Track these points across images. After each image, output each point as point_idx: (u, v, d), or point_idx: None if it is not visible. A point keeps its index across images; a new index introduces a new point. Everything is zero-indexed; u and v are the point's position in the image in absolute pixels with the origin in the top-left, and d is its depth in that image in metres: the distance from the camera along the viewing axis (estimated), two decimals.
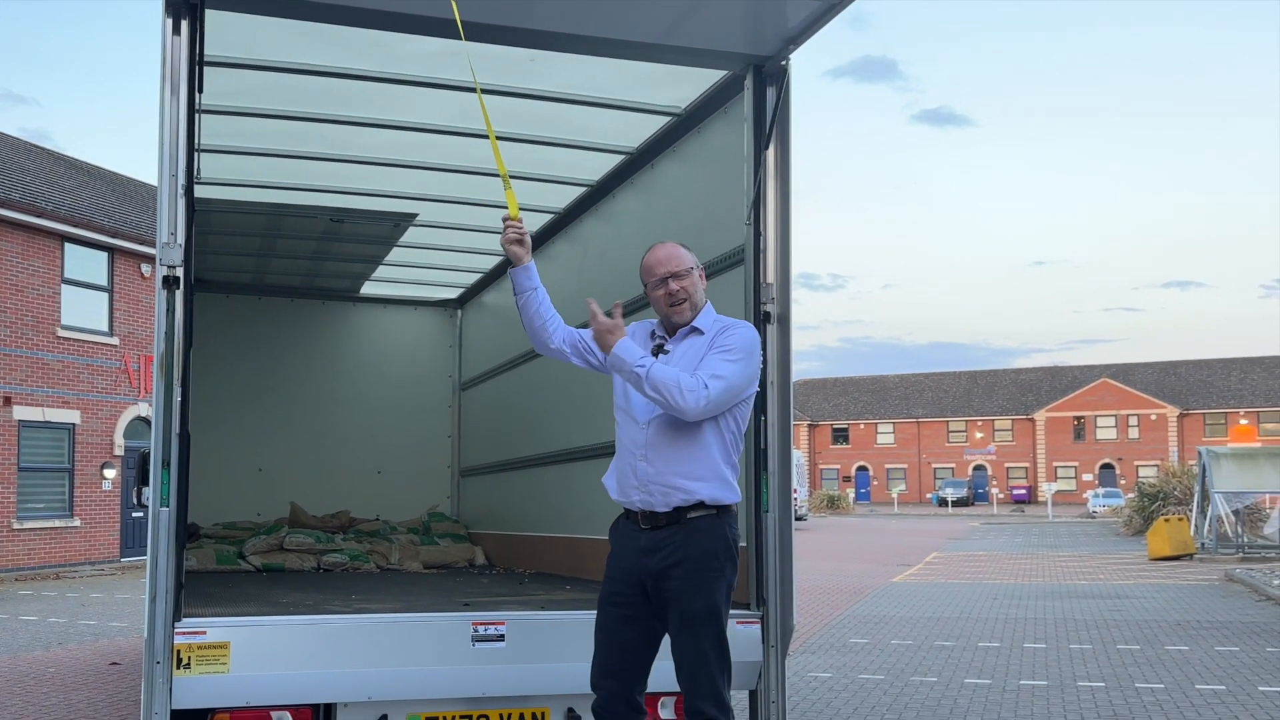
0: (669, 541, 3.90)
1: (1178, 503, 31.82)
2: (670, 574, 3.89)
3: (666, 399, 3.81)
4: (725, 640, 3.94)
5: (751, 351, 3.99)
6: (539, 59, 5.52)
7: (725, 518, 3.95)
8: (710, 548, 3.89)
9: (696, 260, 4.18)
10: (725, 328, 4.04)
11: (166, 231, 4.44)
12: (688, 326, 4.08)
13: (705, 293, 4.17)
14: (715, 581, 3.88)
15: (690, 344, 4.05)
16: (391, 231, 8.81)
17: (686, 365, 3.95)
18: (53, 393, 21.99)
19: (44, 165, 25.59)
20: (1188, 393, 78.47)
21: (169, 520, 4.29)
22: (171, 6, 4.51)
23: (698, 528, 3.89)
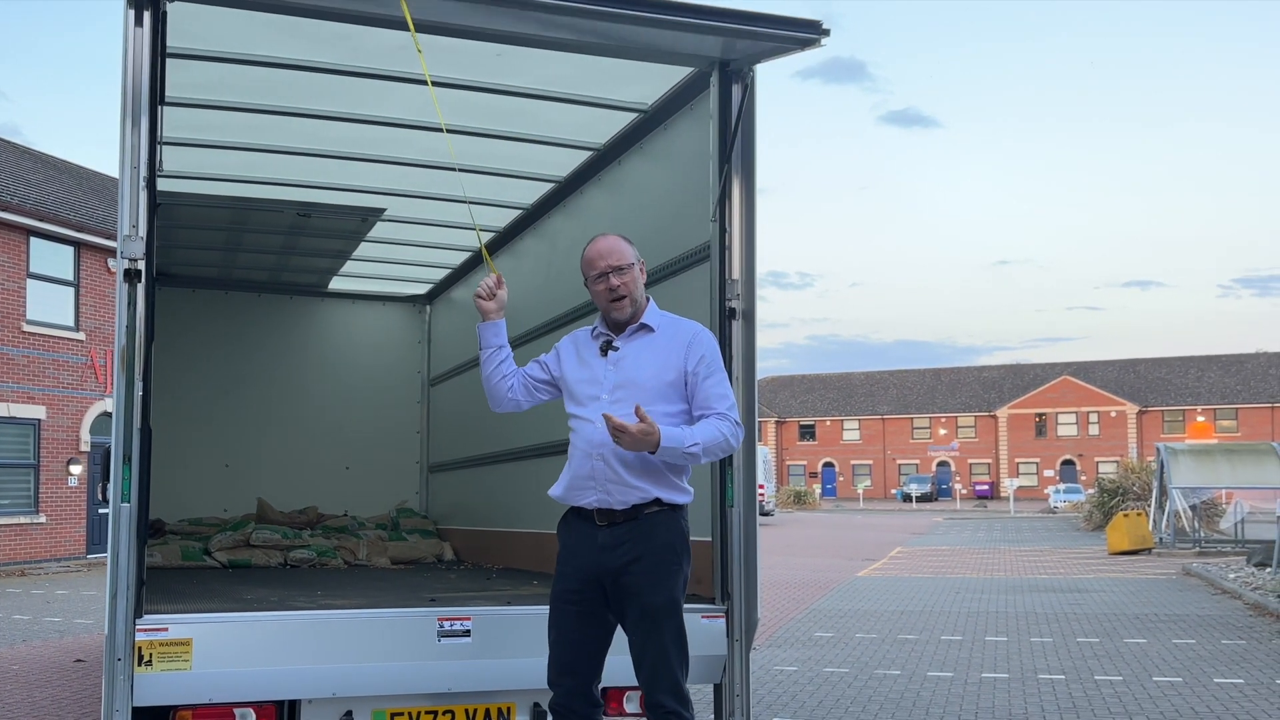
0: (628, 537, 3.91)
1: (1137, 498, 32.24)
2: (630, 569, 3.89)
3: (720, 455, 4.00)
4: (684, 634, 3.96)
5: (720, 355, 4.09)
6: (505, 54, 5.52)
7: (680, 513, 4.01)
8: (668, 542, 3.93)
9: (638, 255, 4.16)
10: (692, 336, 4.03)
11: (128, 224, 4.40)
12: (637, 324, 4.05)
13: (645, 288, 4.16)
14: (674, 575, 3.93)
15: (644, 342, 4.03)
16: (359, 226, 8.78)
17: (643, 364, 3.96)
18: (18, 388, 21.75)
19: (10, 159, 25.29)
20: (1147, 390, 79.39)
21: (130, 516, 4.26)
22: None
23: (655, 523, 3.92)
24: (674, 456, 3.82)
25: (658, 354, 3.96)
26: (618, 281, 4.00)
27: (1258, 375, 78.11)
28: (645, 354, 3.99)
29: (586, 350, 4.13)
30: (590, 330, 4.20)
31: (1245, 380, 77.85)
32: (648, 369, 3.95)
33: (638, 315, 4.07)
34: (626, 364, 4.00)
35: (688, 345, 3.96)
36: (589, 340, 4.16)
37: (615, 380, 3.97)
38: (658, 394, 3.91)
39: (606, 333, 4.11)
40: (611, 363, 4.03)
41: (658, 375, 3.94)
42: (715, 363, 3.99)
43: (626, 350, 4.03)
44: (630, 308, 4.04)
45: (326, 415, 10.82)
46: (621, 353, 4.03)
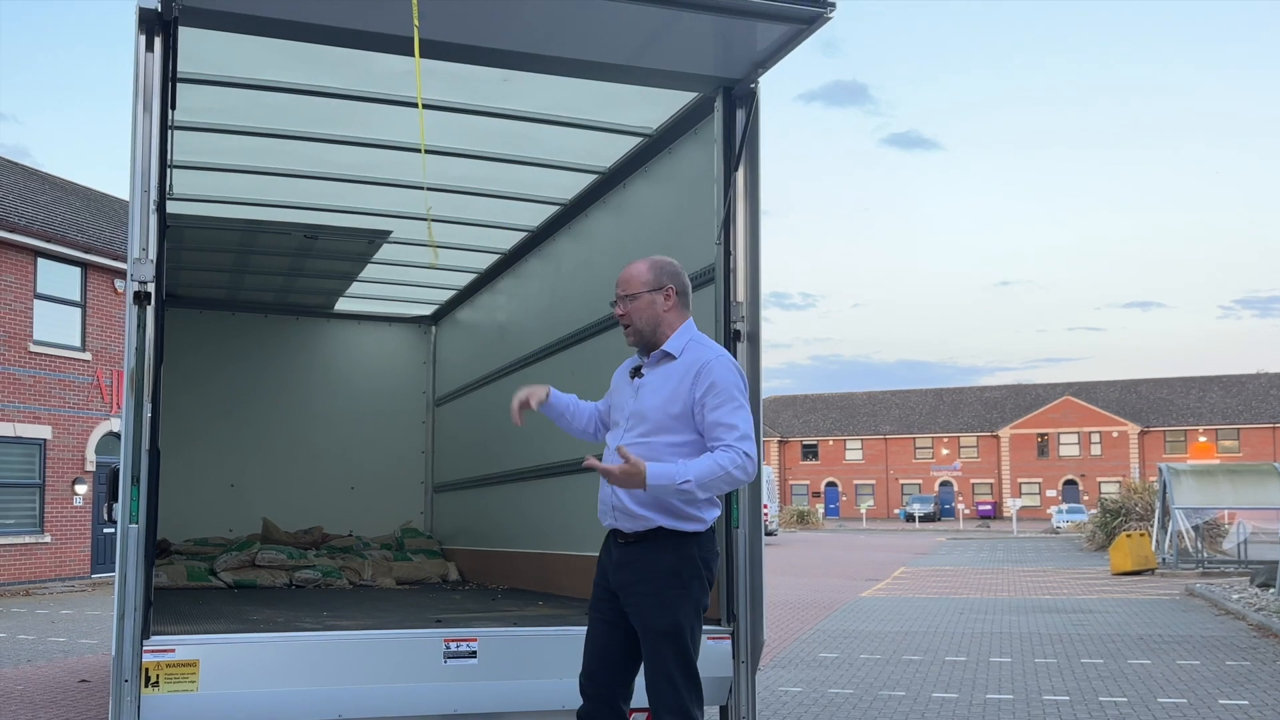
0: (636, 558, 3.90)
1: (1139, 518, 32.15)
2: (634, 589, 3.89)
3: (722, 489, 3.80)
4: (690, 657, 3.89)
5: (740, 385, 3.91)
6: (512, 79, 5.59)
7: (689, 539, 3.89)
8: (673, 566, 3.85)
9: (661, 280, 4.02)
10: (702, 366, 3.89)
11: (138, 247, 4.46)
12: (660, 350, 3.99)
13: (671, 314, 4.02)
14: (678, 599, 3.84)
15: (664, 371, 3.95)
16: (366, 248, 8.85)
17: (655, 394, 3.91)
18: (24, 408, 21.80)
19: (18, 180, 25.41)
20: (1148, 411, 79.32)
21: (138, 537, 4.29)
22: (144, 24, 4.54)
23: (661, 547, 3.86)
24: (666, 493, 3.73)
25: (669, 384, 3.91)
26: (620, 311, 4.02)
27: (1259, 396, 78.02)
28: (660, 383, 3.94)
29: (623, 376, 4.14)
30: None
31: (1246, 401, 77.77)
32: (657, 399, 3.91)
33: (657, 341, 4.00)
34: (644, 393, 3.97)
35: (696, 375, 3.86)
36: (629, 365, 4.16)
37: (632, 408, 3.97)
38: (663, 426, 3.87)
39: (641, 358, 4.11)
40: (634, 390, 4.02)
41: (664, 407, 3.89)
42: (726, 391, 3.83)
43: (649, 378, 3.99)
44: (635, 336, 4.02)
45: (332, 435, 10.87)
46: (645, 379, 4.00)
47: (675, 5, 4.53)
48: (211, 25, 4.79)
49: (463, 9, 4.63)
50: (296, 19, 4.75)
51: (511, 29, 4.86)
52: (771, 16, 4.64)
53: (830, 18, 4.60)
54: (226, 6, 4.61)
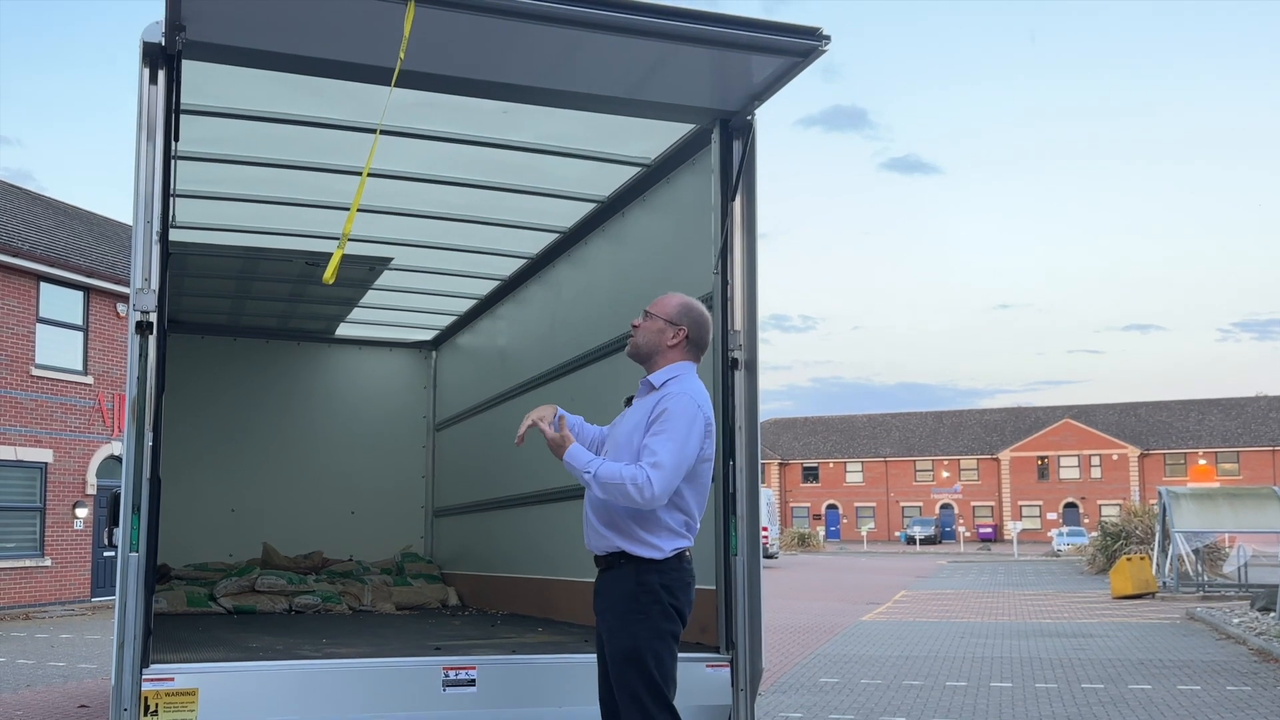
0: (605, 586, 4.06)
1: (1139, 542, 32.10)
2: (603, 615, 4.04)
3: (619, 499, 3.89)
4: (656, 680, 3.91)
5: (690, 424, 3.95)
6: (511, 111, 5.65)
7: (649, 566, 3.97)
8: (631, 590, 3.95)
9: (677, 319, 4.16)
10: (663, 397, 4.01)
11: (140, 277, 4.51)
12: (647, 380, 4.17)
13: (673, 351, 4.15)
14: (637, 624, 3.92)
15: (644, 401, 4.12)
16: (367, 275, 8.91)
17: (632, 420, 4.08)
18: (25, 432, 21.83)
19: (21, 205, 25.52)
20: (1148, 433, 79.24)
21: (138, 565, 4.32)
22: (148, 57, 4.60)
23: (621, 574, 3.99)
24: (574, 473, 3.99)
25: (640, 412, 4.08)
26: (636, 322, 4.22)
27: (1258, 419, 77.96)
28: (636, 411, 4.13)
29: None
30: None
31: (1246, 424, 77.69)
32: (629, 425, 4.10)
33: (648, 367, 4.19)
34: (624, 419, 4.17)
35: (657, 403, 4.01)
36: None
37: (611, 433, 4.18)
38: (631, 450, 4.00)
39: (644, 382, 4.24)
40: (623, 416, 4.21)
41: (631, 433, 4.05)
42: (669, 423, 3.92)
43: (634, 406, 4.19)
44: (631, 348, 4.22)
45: (332, 460, 10.90)
46: (631, 408, 4.20)
47: (672, 39, 4.59)
48: (215, 59, 4.84)
49: (462, 44, 4.69)
50: (298, 53, 4.81)
51: (511, 63, 4.91)
52: (767, 50, 4.70)
53: (825, 50, 4.66)
54: (229, 41, 4.67)
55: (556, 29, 4.50)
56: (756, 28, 4.59)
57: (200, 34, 4.51)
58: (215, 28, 4.51)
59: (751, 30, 4.59)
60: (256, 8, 4.38)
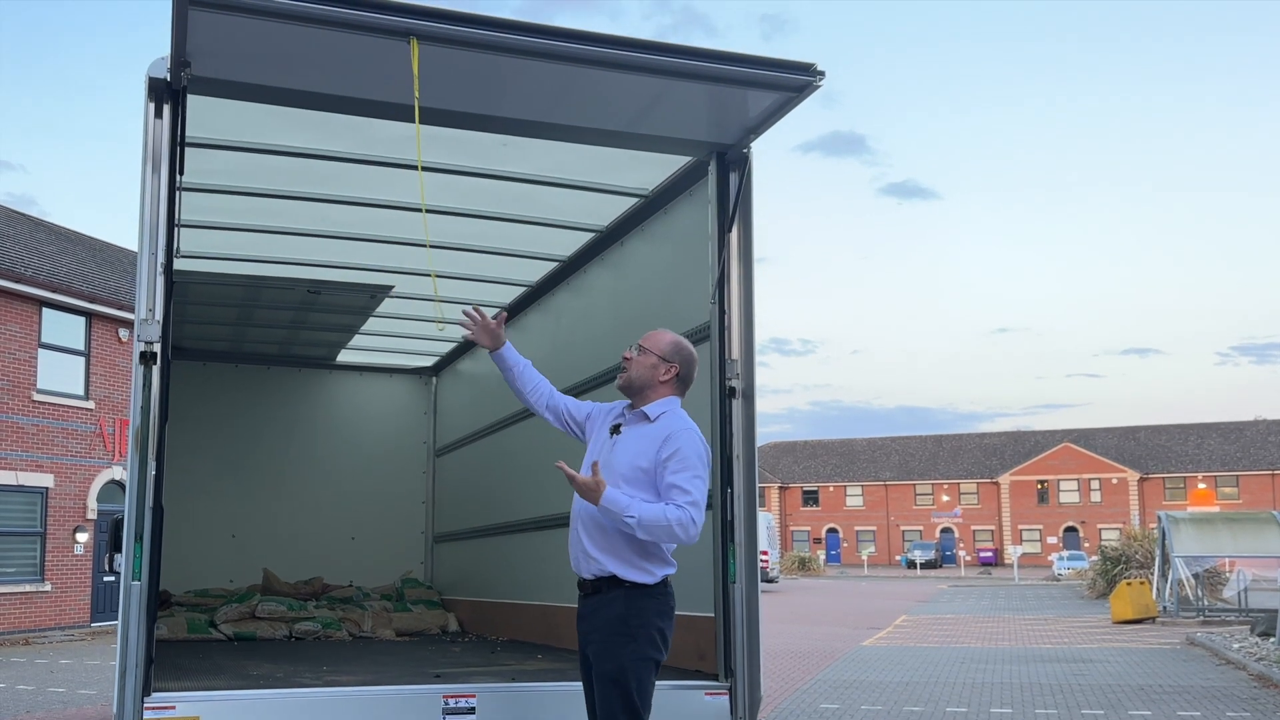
0: (592, 609, 4.14)
1: (1139, 566, 32.04)
2: (590, 638, 4.13)
3: (661, 538, 4.02)
4: (635, 704, 4.01)
5: (704, 461, 4.15)
6: (511, 144, 5.73)
7: (640, 591, 4.09)
8: (621, 615, 4.05)
9: (670, 356, 4.30)
10: (671, 434, 4.14)
11: (145, 308, 4.57)
12: (639, 411, 4.26)
13: (664, 386, 4.29)
14: (623, 646, 4.02)
15: (639, 430, 4.22)
16: (368, 302, 8.98)
17: (627, 449, 4.17)
18: (26, 456, 21.85)
19: (24, 231, 25.62)
20: (1147, 457, 79.17)
21: (140, 594, 4.36)
22: (154, 92, 4.68)
23: (612, 598, 4.08)
24: (614, 519, 4.00)
25: (640, 443, 4.16)
26: (629, 355, 4.31)
27: (1257, 443, 77.91)
28: (634, 441, 4.20)
29: (605, 426, 4.37)
30: (620, 410, 4.39)
31: (1245, 448, 77.64)
32: (629, 454, 4.17)
33: (640, 399, 4.28)
34: (619, 446, 4.22)
35: (665, 439, 4.12)
36: (610, 418, 4.38)
37: (606, 459, 4.21)
38: (630, 479, 4.09)
39: (622, 416, 4.34)
40: (611, 443, 4.26)
41: (633, 461, 4.13)
42: (687, 460, 4.08)
43: (625, 435, 4.25)
44: (624, 380, 4.30)
45: (333, 485, 10.94)
46: (622, 436, 4.26)
47: (668, 75, 4.67)
48: (219, 93, 4.92)
49: (463, 79, 4.77)
50: (301, 88, 4.89)
51: (510, 98, 4.99)
52: (763, 85, 4.78)
53: (819, 85, 4.73)
54: (233, 76, 4.75)
55: (554, 65, 4.58)
56: (751, 64, 4.66)
57: (205, 70, 4.59)
58: (220, 64, 4.58)
59: (746, 66, 4.66)
60: (260, 45, 4.45)
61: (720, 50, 4.66)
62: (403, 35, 4.29)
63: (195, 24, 4.18)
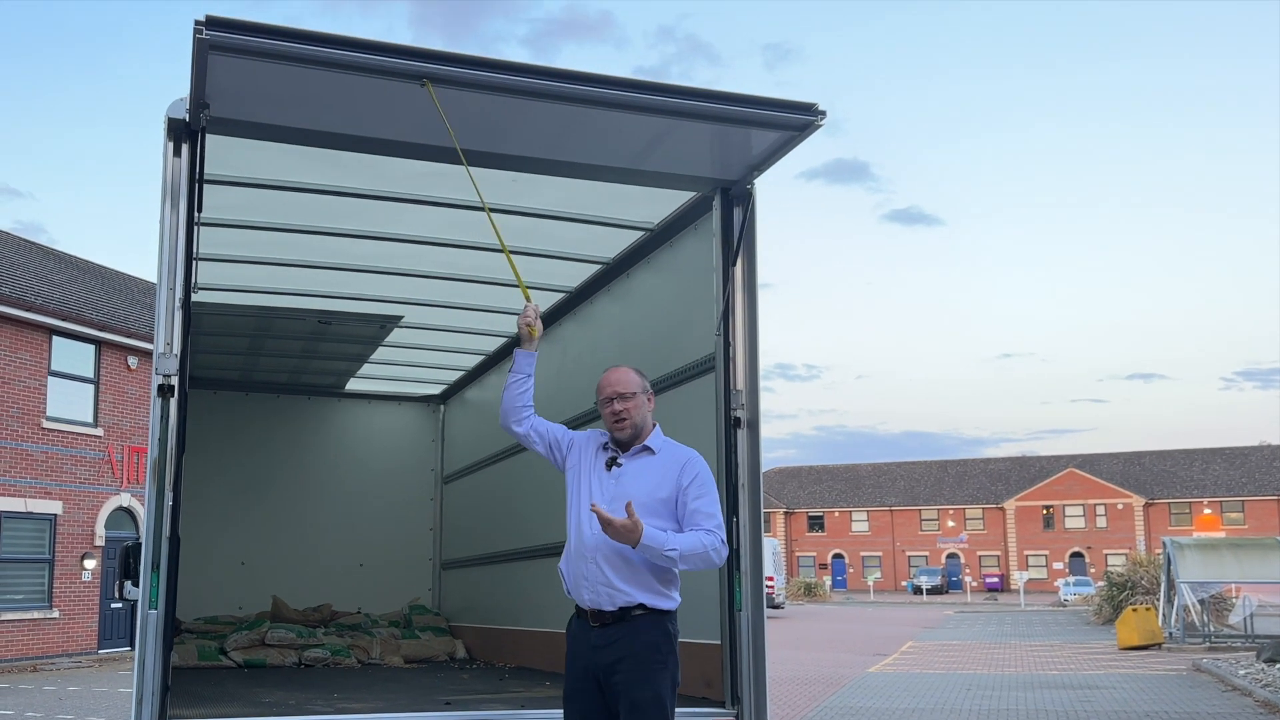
0: (616, 637, 4.20)
1: (1145, 592, 31.98)
2: (618, 667, 4.17)
3: (699, 566, 4.21)
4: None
5: (712, 480, 4.36)
6: (520, 179, 5.84)
7: (665, 617, 4.25)
8: (653, 641, 4.18)
9: (646, 386, 4.46)
10: (686, 460, 4.35)
11: (163, 342, 4.67)
12: (640, 445, 4.40)
13: (653, 414, 4.45)
14: (659, 672, 4.16)
15: (644, 462, 4.37)
16: (377, 332, 9.10)
17: (642, 481, 4.30)
18: (35, 483, 21.97)
19: (34, 260, 25.83)
20: (1152, 483, 78.95)
21: (157, 622, 4.45)
22: (173, 132, 4.80)
23: (641, 625, 4.19)
24: (654, 555, 4.11)
25: (655, 473, 4.30)
26: (620, 407, 4.38)
27: (1262, 468, 77.69)
28: (644, 473, 4.33)
29: (596, 459, 4.46)
30: (602, 442, 4.50)
31: (1250, 473, 77.41)
32: (646, 485, 4.28)
33: (640, 437, 4.40)
34: (627, 479, 4.34)
35: (682, 467, 4.30)
36: (599, 451, 4.48)
37: (615, 493, 4.31)
38: (650, 509, 4.20)
39: (614, 450, 4.45)
40: (614, 477, 4.37)
41: (652, 492, 4.25)
42: (706, 486, 4.29)
43: (629, 468, 4.37)
44: (630, 429, 4.38)
45: (342, 512, 11.02)
46: (624, 469, 4.38)
47: (673, 115, 4.78)
48: (236, 133, 5.04)
49: (473, 118, 4.89)
50: (317, 128, 5.01)
51: (518, 136, 5.11)
52: (765, 125, 4.89)
53: (821, 125, 4.84)
54: (250, 117, 4.87)
55: (561, 105, 4.70)
56: (754, 104, 4.76)
57: (222, 111, 4.71)
58: (237, 105, 4.71)
59: (749, 106, 4.76)
60: (276, 88, 4.58)
61: (723, 91, 4.76)
62: (417, 79, 4.41)
63: (214, 68, 4.30)
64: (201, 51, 4.17)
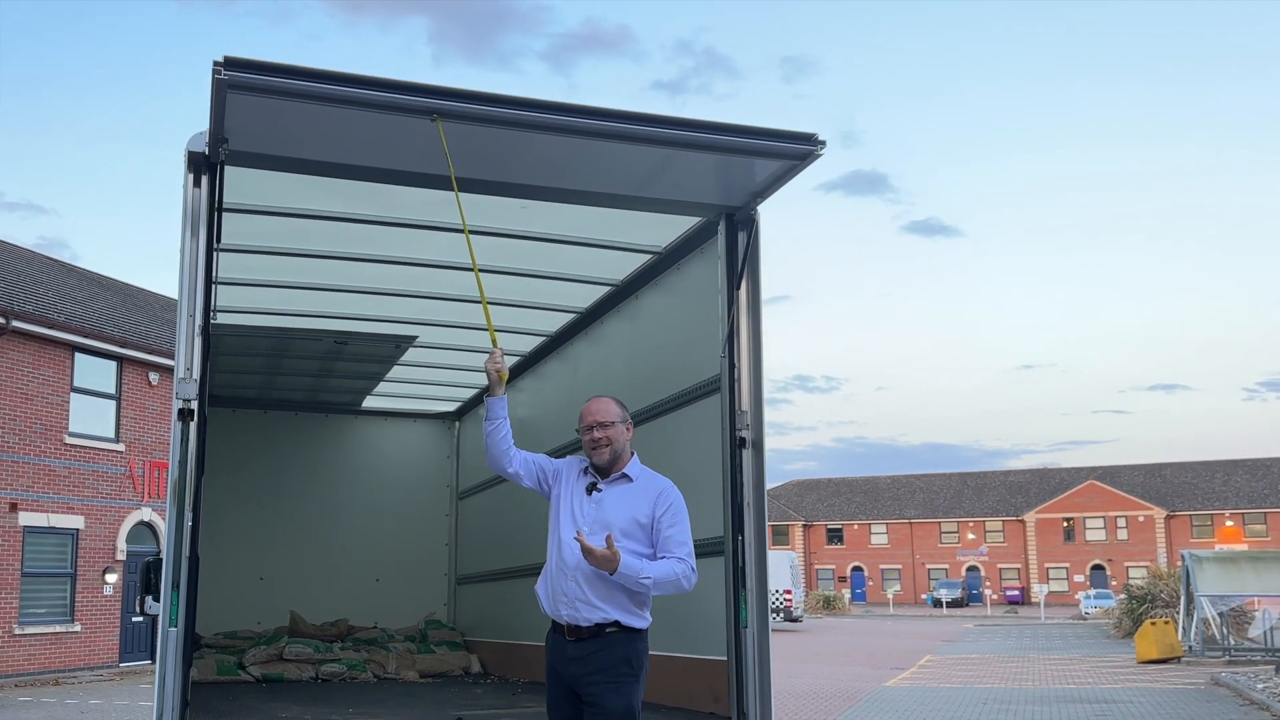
0: (591, 650, 4.47)
1: (1165, 605, 31.85)
2: (591, 679, 4.45)
3: (670, 591, 4.45)
4: None
5: (685, 508, 4.61)
6: (530, 206, 6.00)
7: (637, 635, 4.52)
8: (625, 656, 4.47)
9: (625, 416, 4.69)
10: (661, 490, 4.61)
11: (183, 367, 4.83)
12: (619, 473, 4.65)
13: (630, 442, 4.69)
14: (630, 684, 4.45)
15: (622, 489, 4.63)
16: (393, 352, 9.27)
17: (620, 507, 4.56)
18: (58, 498, 22.23)
19: (57, 277, 26.17)
20: (1173, 495, 78.46)
21: (177, 640, 4.60)
22: (193, 164, 4.98)
23: (614, 641, 4.47)
24: (629, 582, 4.39)
25: (632, 501, 4.57)
26: (600, 434, 4.63)
27: None
28: (623, 499, 4.59)
29: (577, 484, 4.73)
30: (582, 467, 4.74)
31: (1272, 484, 76.83)
32: (624, 511, 4.55)
33: (619, 464, 4.66)
34: (606, 505, 4.59)
35: (658, 496, 4.57)
36: (580, 476, 4.74)
37: (595, 517, 4.58)
38: (628, 534, 4.50)
39: (594, 475, 4.70)
40: (594, 502, 4.63)
41: (631, 516, 4.54)
42: (679, 515, 4.55)
43: (608, 494, 4.63)
44: (609, 455, 4.63)
45: (358, 528, 11.18)
46: (604, 494, 4.63)
47: (677, 145, 4.92)
48: (253, 165, 5.22)
49: (482, 149, 5.04)
50: (331, 160, 5.18)
51: (527, 166, 5.27)
52: (767, 154, 5.02)
53: (821, 154, 4.97)
54: (267, 150, 5.04)
55: (566, 137, 4.85)
56: (755, 134, 4.89)
57: (240, 144, 4.88)
58: (254, 139, 4.87)
59: (750, 137, 4.89)
60: (292, 123, 4.74)
61: (725, 123, 4.89)
62: (427, 114, 4.57)
63: (233, 105, 4.46)
64: (220, 90, 4.33)
